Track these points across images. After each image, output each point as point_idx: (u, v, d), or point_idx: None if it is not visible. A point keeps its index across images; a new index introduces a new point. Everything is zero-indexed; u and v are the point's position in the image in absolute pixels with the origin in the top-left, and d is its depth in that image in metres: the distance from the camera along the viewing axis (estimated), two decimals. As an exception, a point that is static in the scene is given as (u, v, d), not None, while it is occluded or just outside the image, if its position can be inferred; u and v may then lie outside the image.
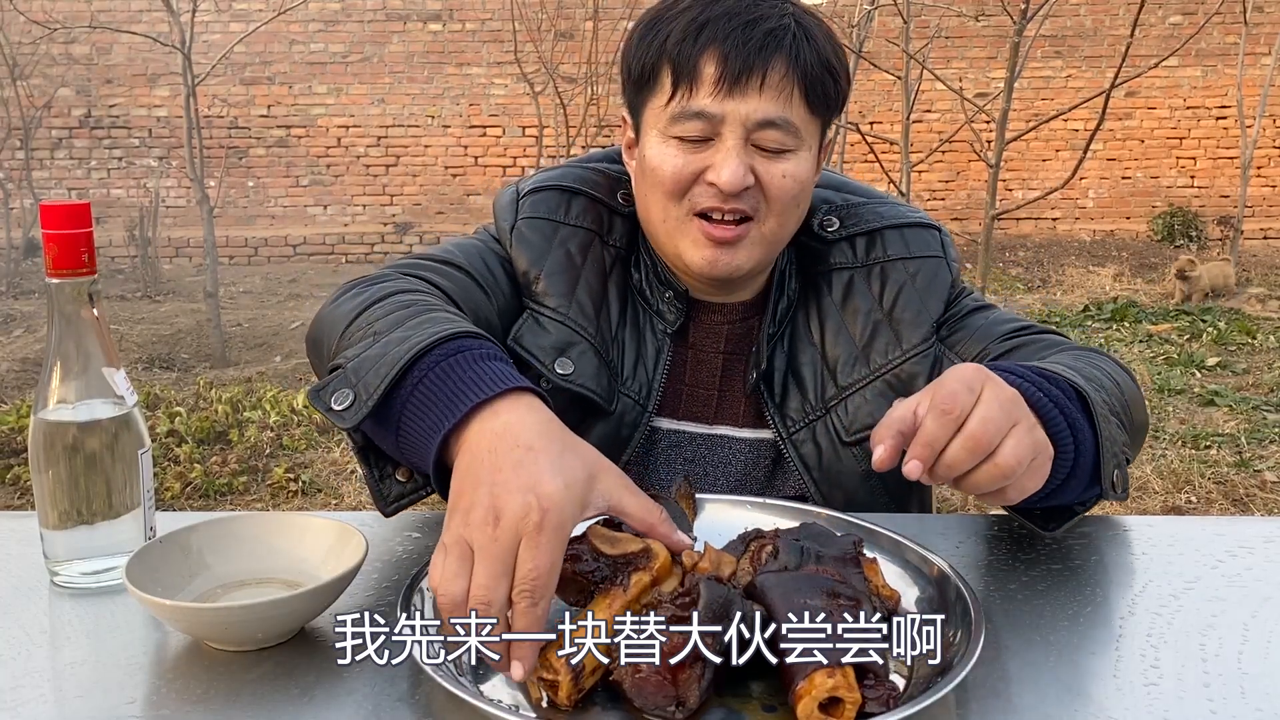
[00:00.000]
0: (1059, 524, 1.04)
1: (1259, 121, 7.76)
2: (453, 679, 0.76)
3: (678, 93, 1.15)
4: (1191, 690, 0.82)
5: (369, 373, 0.93)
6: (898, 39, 3.87)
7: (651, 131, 1.20)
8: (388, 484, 1.01)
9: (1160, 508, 3.74)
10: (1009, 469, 0.87)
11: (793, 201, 1.19)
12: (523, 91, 8.41)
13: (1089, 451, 0.97)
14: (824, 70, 1.16)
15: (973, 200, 9.75)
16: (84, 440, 0.96)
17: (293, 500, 3.90)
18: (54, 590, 0.99)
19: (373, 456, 1.01)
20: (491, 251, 1.29)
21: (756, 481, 1.29)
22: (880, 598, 0.88)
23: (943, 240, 1.33)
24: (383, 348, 0.96)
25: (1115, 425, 1.02)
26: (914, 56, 3.84)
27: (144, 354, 6.01)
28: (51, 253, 0.95)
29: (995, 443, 0.87)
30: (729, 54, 1.13)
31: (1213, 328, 6.31)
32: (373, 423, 0.94)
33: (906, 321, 1.27)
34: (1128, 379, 1.15)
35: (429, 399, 0.89)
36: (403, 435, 0.92)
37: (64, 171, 9.59)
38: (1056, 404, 0.96)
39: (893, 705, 0.73)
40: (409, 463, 0.97)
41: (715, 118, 1.14)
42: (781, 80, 1.14)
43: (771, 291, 1.30)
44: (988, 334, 1.26)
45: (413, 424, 0.90)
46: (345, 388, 0.94)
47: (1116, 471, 1.00)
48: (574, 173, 1.33)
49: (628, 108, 1.26)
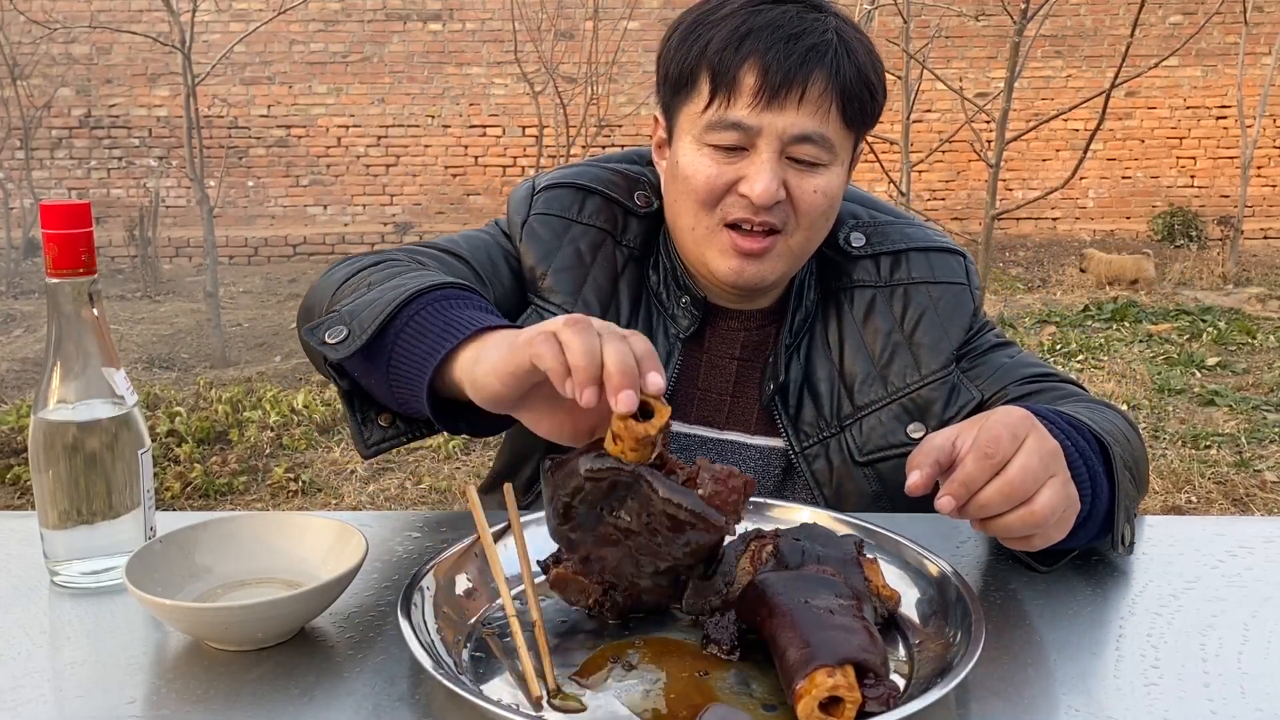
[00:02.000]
0: (1054, 563, 1.04)
1: (1259, 121, 7.76)
2: (453, 678, 0.76)
3: (715, 101, 1.15)
4: (1191, 690, 0.82)
5: (363, 312, 0.99)
6: (898, 39, 3.87)
7: (686, 137, 1.19)
8: (369, 428, 1.05)
9: (1160, 508, 3.74)
10: (1042, 519, 0.88)
11: (822, 216, 1.19)
12: (523, 91, 8.42)
13: (1103, 504, 0.99)
14: (862, 85, 1.16)
15: (973, 200, 9.75)
16: (84, 440, 0.96)
17: (293, 500, 3.90)
18: (54, 590, 0.99)
19: (357, 402, 1.05)
20: (498, 245, 1.29)
21: (765, 490, 1.29)
22: (880, 598, 0.89)
23: (967, 267, 1.33)
24: (377, 294, 1.02)
25: (1128, 480, 1.03)
26: (914, 56, 3.84)
27: (144, 354, 6.01)
28: (51, 253, 0.95)
29: (1031, 492, 0.88)
30: (770, 66, 1.12)
31: (1213, 328, 6.30)
32: (362, 360, 0.98)
33: (926, 346, 1.27)
34: (1136, 436, 1.16)
35: (421, 333, 0.95)
36: (394, 368, 0.96)
37: (64, 171, 9.58)
38: (1083, 456, 0.97)
39: (893, 705, 0.73)
40: (396, 398, 1.00)
41: (752, 129, 1.14)
42: (821, 96, 1.13)
43: (790, 301, 1.30)
44: (1009, 374, 1.27)
45: (405, 355, 0.95)
46: (339, 325, 1.00)
47: (1127, 526, 1.01)
48: (591, 172, 1.33)
49: (661, 108, 1.25)
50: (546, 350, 0.80)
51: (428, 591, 0.89)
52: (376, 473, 4.15)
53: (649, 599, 0.88)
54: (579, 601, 0.90)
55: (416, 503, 3.91)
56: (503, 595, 0.88)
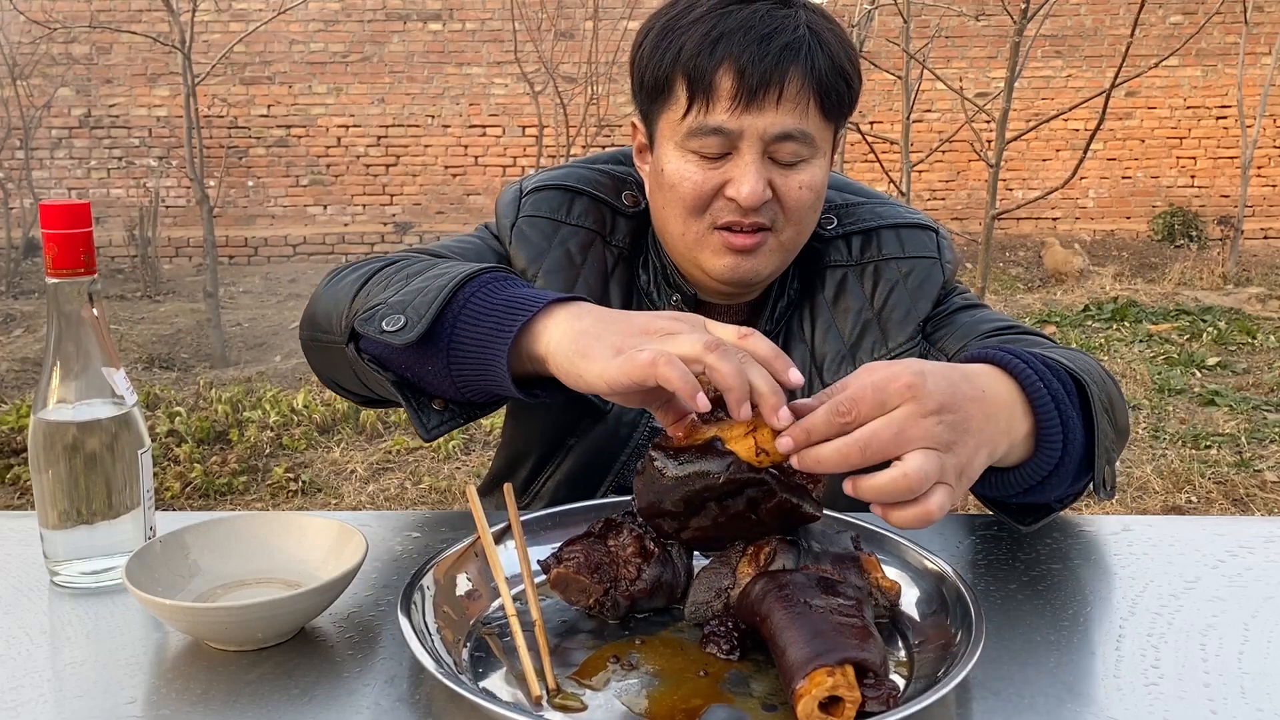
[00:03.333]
0: (1035, 520, 1.04)
1: (1259, 121, 7.76)
2: (453, 678, 0.76)
3: (694, 107, 1.15)
4: (1192, 690, 0.82)
5: (415, 299, 0.99)
6: (898, 39, 3.87)
7: (668, 144, 1.19)
8: (426, 413, 1.04)
9: (1160, 508, 3.74)
10: (903, 488, 0.81)
11: (809, 210, 1.20)
12: (523, 91, 8.42)
13: (1077, 447, 0.96)
14: (838, 77, 1.16)
15: (973, 200, 9.75)
16: (84, 440, 0.96)
17: (293, 500, 3.90)
18: (54, 590, 0.99)
19: (409, 391, 1.04)
20: (488, 248, 1.29)
21: None
22: (881, 589, 0.89)
23: (939, 242, 1.33)
24: (423, 282, 1.02)
25: (1106, 421, 1.01)
26: (914, 56, 3.84)
27: (144, 354, 6.01)
28: (51, 253, 0.95)
29: (876, 459, 0.82)
30: (745, 69, 1.12)
31: (1213, 328, 6.30)
32: (417, 348, 0.98)
33: (894, 321, 1.28)
34: (1112, 383, 1.15)
35: (484, 313, 0.96)
36: (455, 349, 0.96)
37: (64, 171, 9.58)
38: (1055, 398, 0.95)
39: (893, 705, 0.74)
40: (458, 380, 0.99)
41: (733, 133, 1.14)
42: (798, 93, 1.14)
43: (773, 290, 1.30)
44: (971, 330, 1.26)
45: (468, 336, 0.96)
46: (394, 314, 0.99)
47: (1107, 468, 1.00)
48: (578, 173, 1.33)
49: (640, 115, 1.25)
50: (674, 374, 0.81)
51: (428, 591, 0.89)
52: (376, 473, 4.15)
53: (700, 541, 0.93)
54: (579, 601, 0.90)
55: (416, 503, 3.91)
56: (503, 595, 0.88)
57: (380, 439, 4.47)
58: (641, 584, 0.90)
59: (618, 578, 0.89)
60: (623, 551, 0.91)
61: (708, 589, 0.89)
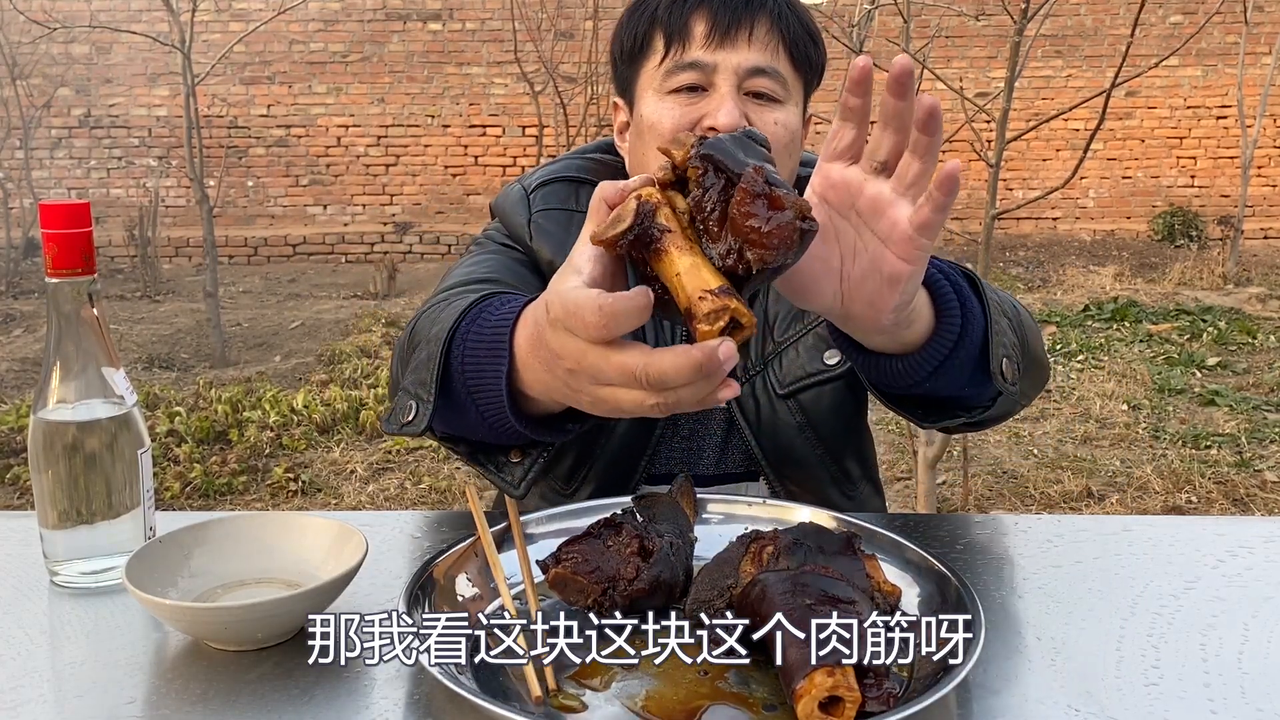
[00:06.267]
0: (938, 418, 1.04)
1: (1259, 121, 7.76)
2: (453, 678, 0.76)
3: (671, 51, 1.21)
4: (1192, 690, 0.82)
5: (419, 374, 0.98)
6: (898, 39, 3.87)
7: (647, 93, 1.23)
8: (508, 470, 1.02)
9: (1160, 508, 3.74)
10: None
11: (785, 150, 1.22)
12: (523, 91, 8.41)
13: (976, 336, 0.96)
14: (805, 33, 1.23)
15: (973, 200, 9.74)
16: (84, 440, 0.96)
17: (292, 500, 3.90)
18: (54, 590, 0.99)
19: (481, 456, 1.02)
20: (510, 259, 1.29)
21: (713, 446, 1.30)
22: (882, 593, 0.89)
23: None
24: (422, 350, 1.01)
25: (1006, 325, 1.02)
26: (914, 56, 3.84)
27: (144, 354, 6.01)
28: (51, 253, 0.95)
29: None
30: (717, 11, 1.19)
31: (1213, 328, 6.30)
32: (450, 414, 0.97)
33: None
34: (1029, 318, 1.15)
35: (477, 363, 0.93)
36: (479, 404, 0.94)
37: (64, 171, 9.58)
38: (949, 279, 0.96)
39: (893, 705, 0.73)
40: (508, 424, 0.94)
41: (708, 66, 1.19)
42: (768, 34, 1.20)
43: None
44: None
45: (479, 388, 0.93)
46: (407, 401, 0.99)
47: (1005, 361, 0.99)
48: (574, 163, 1.36)
49: (619, 87, 1.30)
50: (628, 407, 0.77)
51: (428, 591, 0.89)
52: (376, 473, 4.15)
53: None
54: (579, 601, 0.90)
55: (416, 503, 3.91)
56: (503, 595, 0.89)
57: (380, 439, 4.47)
58: (641, 584, 0.90)
59: (617, 577, 0.89)
60: (622, 551, 0.91)
61: (708, 588, 0.89)
